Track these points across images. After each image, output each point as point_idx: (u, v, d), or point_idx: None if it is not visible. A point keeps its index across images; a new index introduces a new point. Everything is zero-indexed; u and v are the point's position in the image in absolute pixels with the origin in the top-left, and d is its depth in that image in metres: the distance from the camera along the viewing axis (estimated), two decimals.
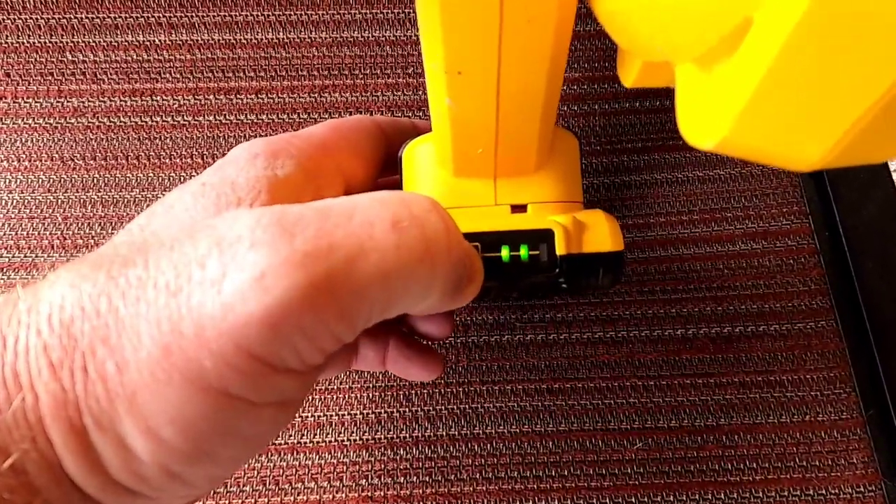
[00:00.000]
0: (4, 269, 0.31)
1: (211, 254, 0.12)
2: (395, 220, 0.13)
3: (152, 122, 0.33)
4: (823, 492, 0.27)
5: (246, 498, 0.27)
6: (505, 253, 0.18)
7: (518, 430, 0.28)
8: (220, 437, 0.13)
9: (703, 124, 0.10)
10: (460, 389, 0.29)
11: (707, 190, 0.32)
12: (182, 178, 0.32)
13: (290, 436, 0.28)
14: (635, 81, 0.15)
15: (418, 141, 0.20)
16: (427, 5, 0.12)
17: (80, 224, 0.31)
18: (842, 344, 0.29)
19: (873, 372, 0.29)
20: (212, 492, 0.27)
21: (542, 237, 0.18)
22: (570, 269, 0.18)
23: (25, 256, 0.31)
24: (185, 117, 0.33)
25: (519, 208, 0.19)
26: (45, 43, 0.33)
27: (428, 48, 0.14)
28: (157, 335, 0.12)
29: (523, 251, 0.18)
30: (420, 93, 0.33)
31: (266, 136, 0.33)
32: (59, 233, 0.31)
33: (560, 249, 0.18)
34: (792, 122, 0.09)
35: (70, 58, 0.33)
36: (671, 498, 0.27)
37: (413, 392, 0.29)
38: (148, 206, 0.32)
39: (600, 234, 0.19)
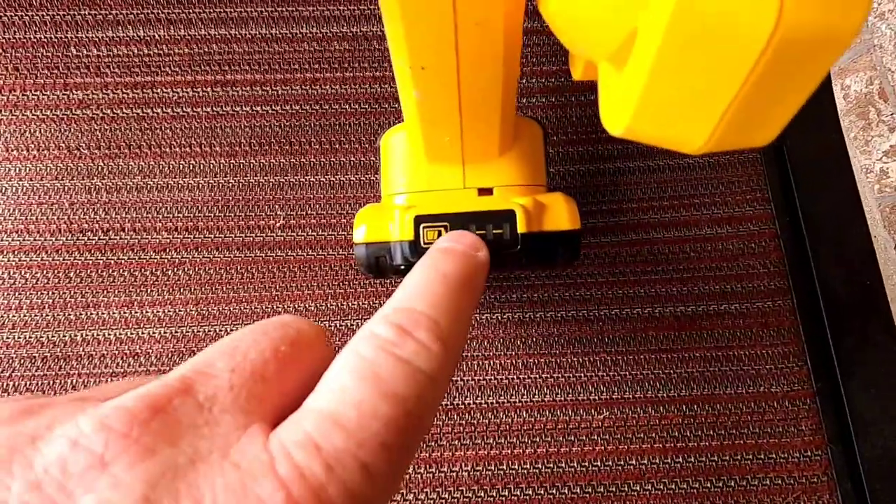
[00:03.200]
0: (16, 252, 0.33)
1: None
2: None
3: (153, 113, 0.35)
4: (774, 456, 0.29)
5: None
6: (471, 231, 0.20)
7: (494, 401, 0.31)
8: None
9: (613, 115, 0.12)
10: None
11: (676, 177, 0.34)
12: (181, 166, 0.34)
13: None
14: (581, 75, 0.17)
15: (394, 129, 0.22)
16: (389, 9, 0.14)
17: (85, 209, 0.33)
18: (796, 322, 0.32)
19: (824, 348, 0.31)
20: None
21: (505, 217, 0.20)
22: (530, 245, 0.20)
23: (35, 240, 0.33)
24: (184, 108, 0.35)
25: (486, 191, 0.21)
26: (50, 38, 0.35)
27: (394, 46, 0.16)
28: None
29: (488, 229, 0.20)
30: None
31: (261, 126, 0.35)
32: (65, 218, 0.33)
33: (521, 228, 0.20)
34: (675, 115, 0.11)
35: (74, 52, 0.35)
36: (633, 461, 0.29)
37: None
38: (150, 193, 0.34)
39: (559, 213, 0.21)
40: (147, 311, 0.32)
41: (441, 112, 0.18)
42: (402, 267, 0.21)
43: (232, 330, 0.32)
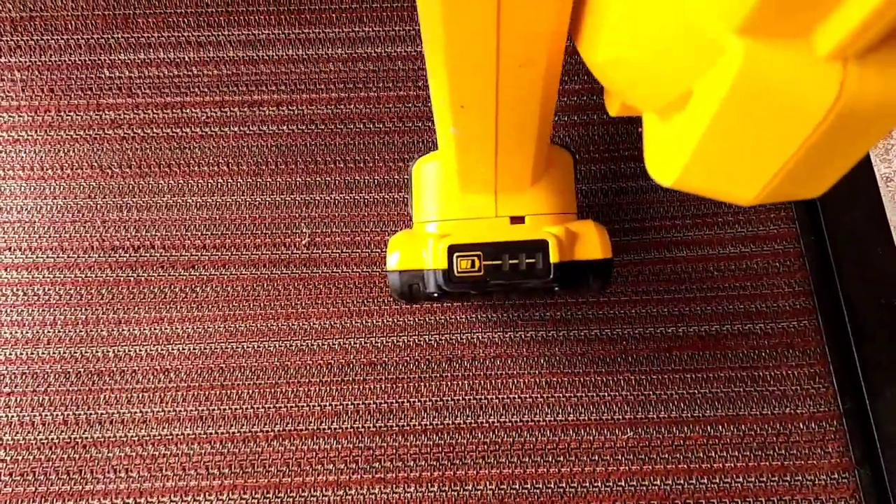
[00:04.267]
0: (50, 269, 0.34)
1: None
2: None
3: (182, 132, 0.35)
4: (800, 478, 0.29)
5: (272, 478, 0.30)
6: (504, 261, 0.20)
7: (518, 420, 0.31)
8: None
9: (661, 166, 0.12)
10: (465, 382, 0.31)
11: (700, 196, 0.34)
12: (209, 185, 0.35)
13: (311, 422, 0.31)
14: (617, 113, 0.17)
15: (426, 158, 0.23)
16: (433, 51, 0.15)
17: (117, 227, 0.34)
18: (822, 342, 0.31)
19: (851, 368, 0.31)
20: (240, 472, 0.30)
21: (538, 247, 0.20)
22: (562, 275, 0.20)
23: (69, 257, 0.34)
24: (213, 128, 0.35)
25: (517, 220, 0.21)
26: (84, 61, 0.36)
27: (435, 86, 0.16)
28: None
29: (521, 259, 0.20)
30: (429, 104, 0.36)
31: (287, 146, 0.35)
32: (97, 235, 0.34)
33: (554, 257, 0.20)
34: (727, 170, 0.11)
35: (107, 74, 0.36)
36: (658, 482, 0.30)
37: (422, 385, 0.31)
38: (179, 211, 0.34)
39: (591, 242, 0.21)
40: (177, 328, 0.33)
41: (477, 146, 0.18)
42: (436, 294, 0.21)
43: (259, 347, 0.32)
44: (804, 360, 0.31)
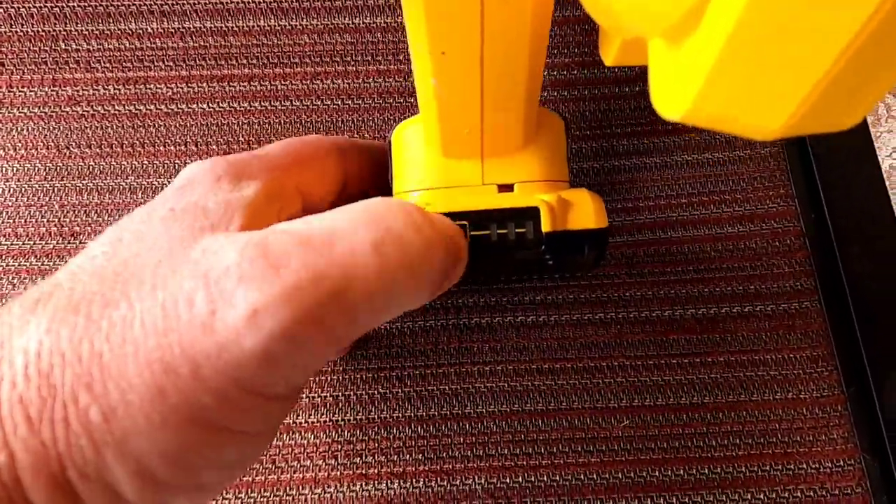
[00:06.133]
0: (3, 256, 0.31)
1: (198, 289, 0.12)
2: (375, 243, 0.13)
3: (146, 110, 0.33)
4: (804, 466, 0.28)
5: (243, 476, 0.28)
6: (492, 231, 0.18)
7: (508, 409, 0.29)
8: (211, 467, 0.13)
9: (670, 96, 0.11)
10: (451, 370, 0.30)
11: (695, 174, 0.33)
12: (176, 165, 0.32)
13: (287, 416, 0.29)
14: (615, 60, 0.16)
15: (407, 123, 0.21)
16: None
17: (76, 212, 0.32)
18: (825, 324, 0.30)
19: (855, 351, 0.30)
20: None
21: (528, 215, 0.18)
22: (555, 245, 0.19)
23: (24, 244, 0.31)
24: (179, 105, 0.33)
25: (506, 187, 0.20)
26: (38, 32, 0.33)
27: (412, 29, 0.15)
28: (149, 377, 0.11)
29: (510, 228, 0.18)
30: (410, 79, 0.34)
31: (259, 123, 0.33)
32: (56, 220, 0.32)
33: (546, 226, 0.18)
34: (750, 93, 0.09)
35: (63, 46, 0.33)
36: (657, 473, 0.28)
37: (406, 373, 0.30)
38: (144, 194, 0.32)
39: (585, 211, 0.19)
40: None
41: (461, 101, 0.17)
42: None
43: None
44: (806, 343, 0.30)
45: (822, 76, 0.09)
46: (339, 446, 0.28)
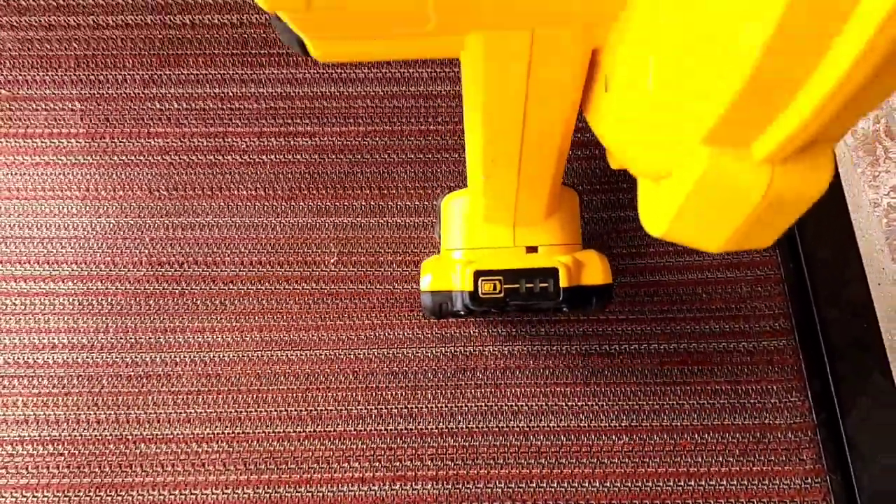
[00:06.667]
0: (103, 280, 0.37)
1: None
2: None
3: (224, 159, 0.39)
4: (777, 482, 0.33)
5: (303, 474, 0.33)
6: (521, 285, 0.24)
7: (525, 425, 0.34)
8: None
9: (652, 220, 0.16)
10: (478, 390, 0.35)
11: None
12: (248, 207, 0.38)
13: (338, 424, 0.34)
14: (618, 167, 0.21)
15: (455, 194, 0.26)
16: (473, 125, 0.19)
17: (163, 244, 0.38)
18: (799, 360, 0.35)
19: (824, 384, 0.35)
20: (274, 468, 0.33)
21: (550, 273, 0.24)
22: (570, 297, 0.24)
23: (119, 270, 0.37)
24: (252, 156, 0.39)
25: (532, 249, 0.25)
26: (138, 94, 0.40)
27: (471, 146, 0.20)
28: None
29: (535, 283, 0.24)
30: (447, 137, 0.40)
31: (319, 173, 0.39)
32: (146, 251, 0.38)
33: (563, 283, 0.24)
34: (699, 230, 0.15)
35: (157, 106, 0.40)
36: (651, 483, 0.33)
37: (439, 391, 0.35)
38: (220, 230, 0.38)
39: (594, 270, 0.25)
40: (217, 337, 0.36)
41: (502, 189, 0.22)
42: (462, 313, 0.24)
43: (291, 356, 0.36)
44: (782, 376, 0.35)
45: (736, 228, 0.14)
46: (383, 452, 0.34)
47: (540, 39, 0.15)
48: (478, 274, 0.24)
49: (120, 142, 0.39)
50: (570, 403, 0.35)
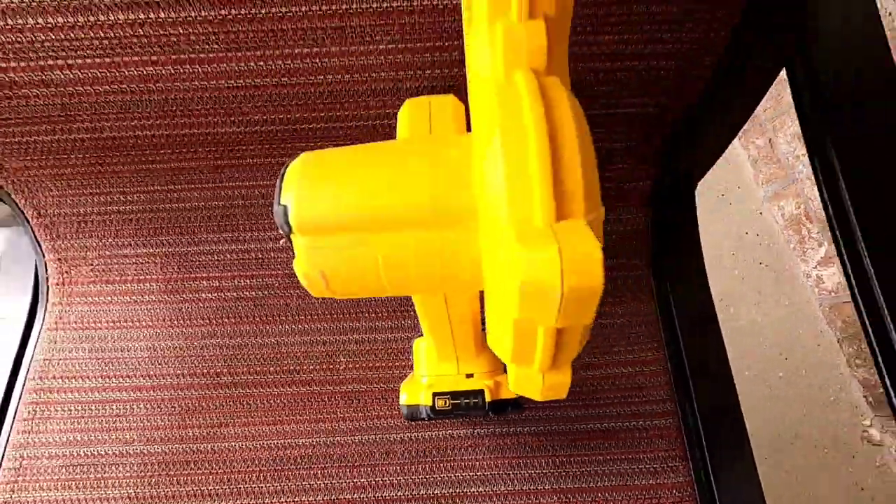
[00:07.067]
0: (173, 388, 0.51)
1: None
2: None
3: (259, 294, 0.54)
4: None
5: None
6: (461, 400, 0.38)
7: (484, 490, 0.47)
8: None
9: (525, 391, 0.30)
10: (448, 463, 0.48)
11: (595, 332, 0.52)
12: (281, 330, 0.53)
13: (345, 493, 0.47)
14: None
15: (421, 339, 0.41)
16: (421, 314, 0.33)
17: (216, 360, 0.52)
18: (681, 433, 0.48)
19: (701, 453, 0.48)
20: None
21: (479, 393, 0.38)
22: (493, 407, 0.38)
23: (186, 380, 0.51)
24: (280, 291, 0.54)
25: (470, 375, 0.39)
26: (196, 250, 0.55)
27: (420, 315, 0.35)
28: None
29: (470, 400, 0.38)
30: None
31: (331, 301, 0.54)
32: (204, 365, 0.52)
33: (488, 398, 0.38)
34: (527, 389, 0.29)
35: (212, 257, 0.55)
36: None
37: (419, 466, 0.48)
38: (259, 349, 0.52)
39: (509, 388, 0.39)
40: (258, 429, 0.50)
41: (443, 340, 0.36)
42: (426, 418, 0.38)
43: (313, 441, 0.49)
44: (668, 447, 0.48)
45: (541, 388, 0.28)
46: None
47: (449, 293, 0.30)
48: (435, 394, 0.38)
49: (187, 283, 0.55)
50: (517, 472, 0.48)
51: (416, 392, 0.39)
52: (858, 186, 0.31)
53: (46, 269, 0.55)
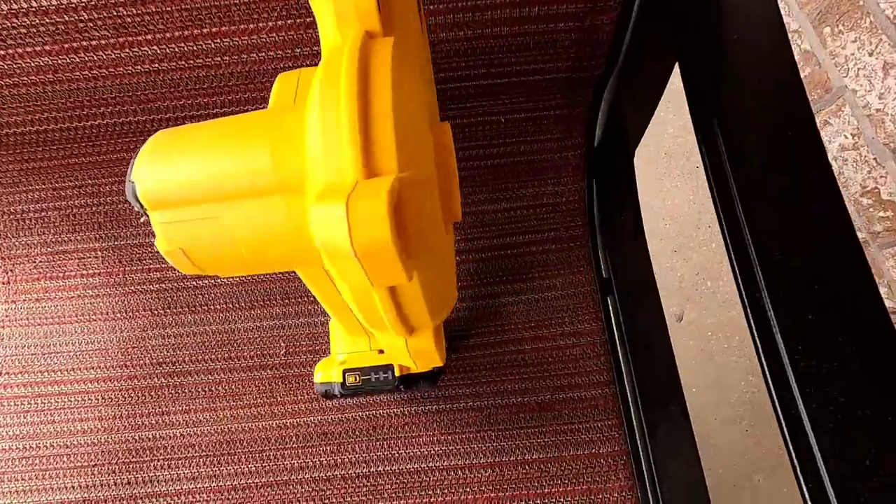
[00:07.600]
0: (119, 379, 0.52)
1: None
2: None
3: (202, 283, 0.55)
4: (601, 496, 0.45)
5: None
6: (372, 375, 0.38)
7: (421, 466, 0.47)
8: None
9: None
10: (385, 442, 0.48)
11: (530, 308, 0.52)
12: (221, 318, 0.53)
13: (284, 473, 0.48)
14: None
15: (332, 321, 0.41)
16: (319, 297, 0.33)
17: (160, 349, 0.53)
18: (617, 403, 0.48)
19: (638, 421, 0.47)
20: None
21: (388, 368, 0.38)
22: (403, 381, 0.38)
23: (130, 371, 0.52)
24: (220, 280, 0.55)
25: (381, 351, 0.39)
26: (140, 242, 0.56)
27: (317, 297, 0.35)
28: None
29: (380, 375, 0.38)
30: None
31: (268, 290, 0.54)
32: (148, 356, 0.53)
33: (397, 373, 0.38)
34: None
35: (154, 250, 0.56)
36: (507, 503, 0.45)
37: (356, 444, 0.48)
38: (201, 337, 0.53)
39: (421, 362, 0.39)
40: (198, 416, 0.50)
41: (345, 316, 0.36)
42: (339, 396, 0.38)
43: (255, 426, 0.49)
44: (604, 417, 0.47)
45: (411, 353, 0.28)
46: (316, 493, 0.47)
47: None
48: (345, 371, 0.38)
49: (129, 276, 0.55)
50: (453, 446, 0.48)
51: (329, 370, 0.39)
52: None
53: None
